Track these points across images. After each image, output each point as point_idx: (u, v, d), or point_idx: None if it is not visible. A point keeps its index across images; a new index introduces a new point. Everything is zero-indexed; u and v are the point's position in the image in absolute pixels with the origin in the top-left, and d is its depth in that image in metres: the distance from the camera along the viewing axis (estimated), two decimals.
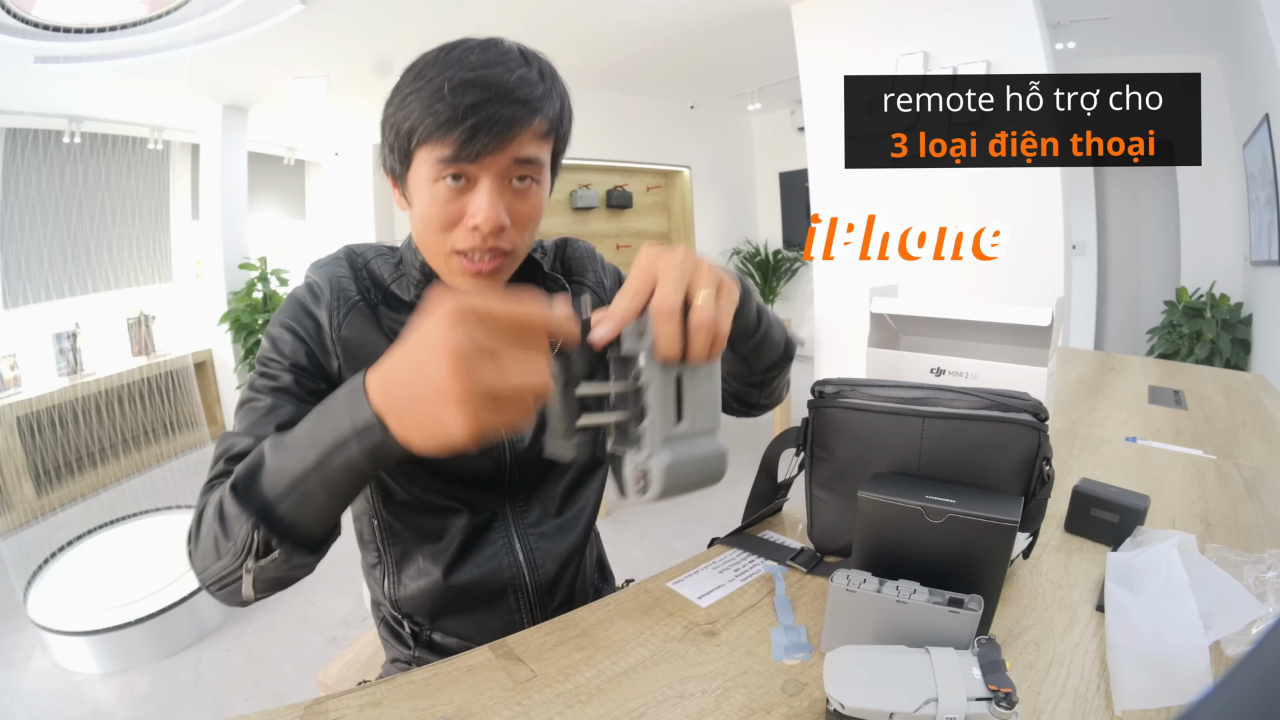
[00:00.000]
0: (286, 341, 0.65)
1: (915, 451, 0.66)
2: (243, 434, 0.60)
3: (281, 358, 0.65)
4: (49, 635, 1.95)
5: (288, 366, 0.64)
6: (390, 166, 0.65)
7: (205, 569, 0.55)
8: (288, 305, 0.67)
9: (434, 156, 0.58)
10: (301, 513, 0.50)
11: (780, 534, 0.82)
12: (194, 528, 0.56)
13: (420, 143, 0.59)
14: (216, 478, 0.59)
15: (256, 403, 0.62)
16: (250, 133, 4.31)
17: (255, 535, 0.49)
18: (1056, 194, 2.82)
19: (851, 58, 3.31)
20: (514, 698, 0.54)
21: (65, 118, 3.41)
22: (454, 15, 3.15)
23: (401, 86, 0.61)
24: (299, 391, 0.64)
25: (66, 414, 2.99)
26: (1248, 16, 2.84)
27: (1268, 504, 0.87)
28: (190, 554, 0.56)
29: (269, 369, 0.65)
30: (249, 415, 0.62)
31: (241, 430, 0.61)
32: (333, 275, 0.68)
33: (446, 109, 0.56)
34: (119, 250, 3.21)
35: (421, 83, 0.58)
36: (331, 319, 0.66)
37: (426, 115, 0.57)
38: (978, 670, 0.46)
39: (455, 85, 0.57)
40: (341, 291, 0.67)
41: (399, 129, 0.60)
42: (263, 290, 4.15)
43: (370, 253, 0.72)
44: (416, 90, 0.58)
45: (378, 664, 0.95)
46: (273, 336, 0.66)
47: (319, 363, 0.66)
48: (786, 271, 6.22)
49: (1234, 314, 3.42)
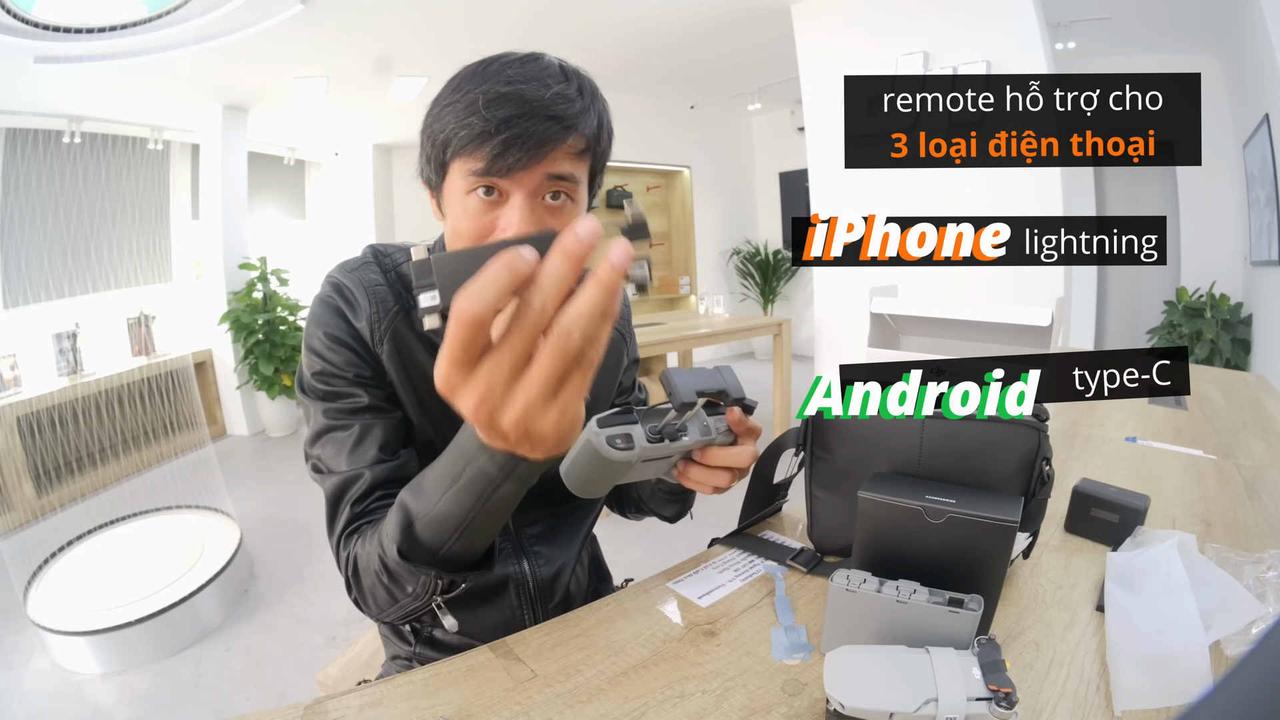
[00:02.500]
0: (339, 356, 0.64)
1: (915, 452, 0.66)
2: (350, 470, 0.62)
3: (343, 374, 0.64)
4: (49, 635, 1.95)
5: (353, 380, 0.64)
6: (426, 176, 0.64)
7: (384, 612, 0.61)
8: (324, 315, 0.65)
9: (467, 169, 0.58)
10: (473, 544, 0.55)
11: (780, 534, 0.82)
12: (350, 579, 0.61)
13: (455, 155, 0.59)
14: (350, 525, 0.62)
15: (341, 431, 0.63)
16: (250, 133, 4.31)
17: (437, 581, 0.56)
18: (1056, 194, 2.82)
19: (851, 58, 3.31)
20: (514, 698, 0.54)
21: (65, 118, 3.41)
22: (454, 15, 3.15)
23: (441, 98, 0.61)
24: (378, 404, 0.64)
25: (66, 414, 2.99)
26: (1248, 16, 2.84)
27: (1268, 504, 0.87)
28: (356, 602, 0.62)
29: (335, 388, 0.64)
30: (342, 446, 0.63)
31: (347, 466, 0.62)
32: (367, 282, 0.66)
33: (480, 122, 0.56)
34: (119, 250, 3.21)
35: (459, 95, 0.58)
36: (374, 332, 0.65)
37: (460, 128, 0.57)
38: (978, 670, 0.46)
39: (490, 99, 0.57)
40: (380, 301, 0.66)
41: (435, 140, 0.60)
42: (263, 290, 4.15)
43: (399, 255, 0.70)
44: (453, 103, 0.58)
45: (378, 664, 0.95)
46: (319, 352, 0.64)
47: (375, 369, 0.65)
48: (786, 271, 6.22)
49: (1234, 314, 3.42)
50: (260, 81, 3.79)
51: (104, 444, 3.01)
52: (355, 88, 4.17)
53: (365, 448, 0.63)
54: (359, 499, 0.62)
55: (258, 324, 4.06)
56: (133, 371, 3.11)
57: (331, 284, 0.67)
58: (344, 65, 3.73)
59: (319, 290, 0.67)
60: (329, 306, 0.65)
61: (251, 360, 4.12)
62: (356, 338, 0.65)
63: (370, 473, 0.62)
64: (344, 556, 0.61)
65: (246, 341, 4.08)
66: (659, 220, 6.17)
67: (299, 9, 2.89)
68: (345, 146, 5.69)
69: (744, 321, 3.82)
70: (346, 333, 0.65)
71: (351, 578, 0.61)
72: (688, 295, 6.04)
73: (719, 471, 0.60)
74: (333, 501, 0.63)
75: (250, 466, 3.84)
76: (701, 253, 6.16)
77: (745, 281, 6.38)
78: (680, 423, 0.54)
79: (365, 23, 3.20)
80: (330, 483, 0.63)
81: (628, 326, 0.85)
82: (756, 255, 6.26)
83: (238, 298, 4.13)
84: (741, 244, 6.42)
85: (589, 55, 4.20)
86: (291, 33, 3.09)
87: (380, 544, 0.56)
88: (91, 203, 3.13)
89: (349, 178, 5.79)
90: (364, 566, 0.59)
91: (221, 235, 4.13)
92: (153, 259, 3.36)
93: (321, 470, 0.65)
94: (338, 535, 0.62)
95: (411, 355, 0.66)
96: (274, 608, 2.26)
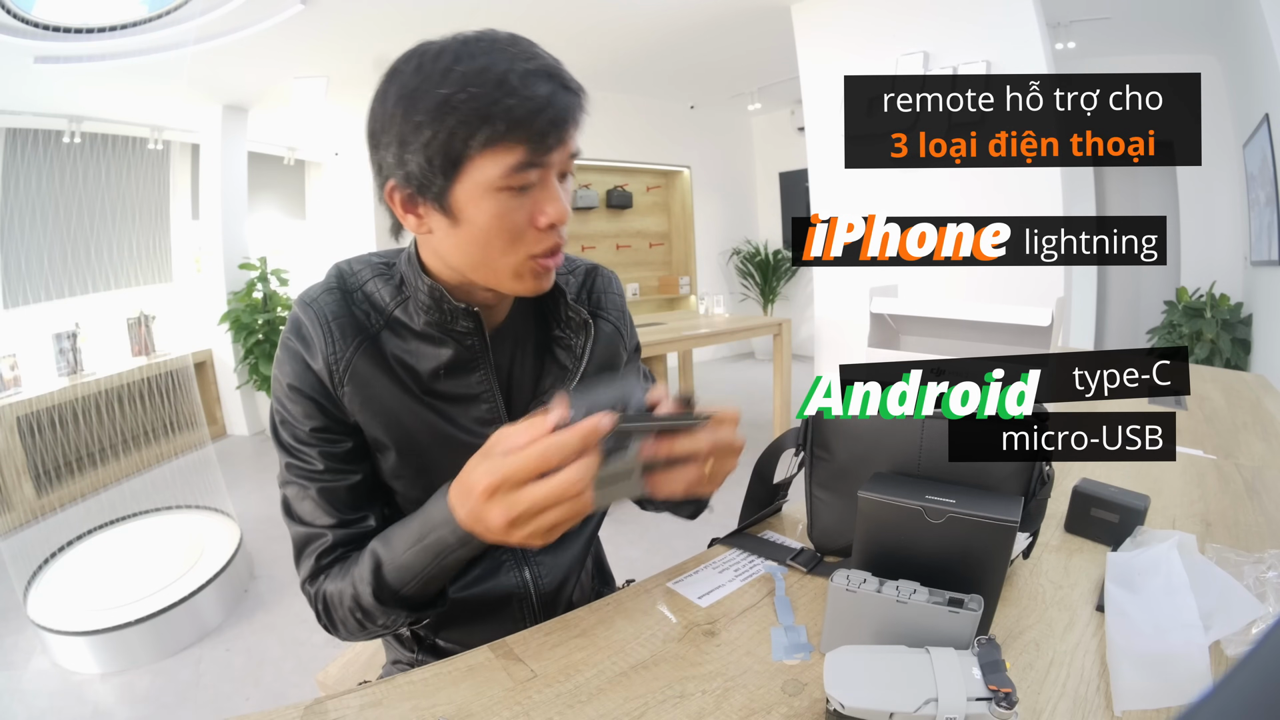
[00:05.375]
0: (299, 409, 0.62)
1: (915, 451, 0.66)
2: (313, 526, 0.64)
3: (300, 427, 0.63)
4: (49, 635, 1.95)
5: (309, 438, 0.63)
6: (415, 188, 0.55)
7: (354, 636, 0.66)
8: (284, 359, 0.63)
9: (503, 162, 0.52)
10: (429, 588, 0.61)
11: (780, 534, 0.82)
12: (321, 612, 0.65)
13: (483, 148, 0.52)
14: (315, 573, 0.64)
15: (303, 490, 0.64)
16: (250, 133, 4.31)
17: (403, 616, 0.62)
18: (1056, 194, 2.83)
19: (851, 58, 3.31)
20: (514, 698, 0.54)
21: (65, 118, 3.41)
22: (454, 16, 3.15)
23: (422, 94, 0.52)
24: (335, 466, 0.64)
25: (66, 414, 2.98)
26: (1248, 16, 2.84)
27: (1268, 504, 0.87)
28: (327, 628, 0.66)
29: (295, 443, 0.64)
30: (306, 503, 0.64)
31: (310, 520, 0.64)
32: (323, 315, 0.62)
33: (521, 103, 0.50)
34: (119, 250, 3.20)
35: (470, 79, 0.51)
36: (332, 372, 0.61)
37: (492, 113, 0.50)
38: (978, 670, 0.46)
39: (523, 76, 0.51)
40: (337, 336, 0.61)
41: (441, 138, 0.52)
42: (263, 290, 4.15)
43: (366, 272, 0.65)
44: (462, 89, 0.51)
45: (378, 664, 0.95)
46: (280, 400, 0.64)
47: (335, 416, 0.63)
48: (786, 272, 6.22)
49: (1234, 314, 3.42)
50: (260, 81, 3.79)
51: (104, 444, 3.01)
52: (355, 88, 4.16)
53: (324, 510, 0.63)
54: (323, 554, 0.64)
55: (258, 324, 4.07)
56: (133, 371, 3.11)
57: (291, 321, 0.64)
58: (344, 65, 3.73)
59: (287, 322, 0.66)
60: (288, 350, 0.63)
61: (251, 360, 4.12)
62: (315, 384, 0.62)
63: (332, 534, 0.64)
64: (313, 593, 0.64)
65: (246, 341, 4.08)
66: (659, 220, 6.17)
67: (299, 9, 2.89)
68: (345, 146, 5.69)
69: (744, 321, 3.82)
70: (304, 381, 0.62)
71: (323, 611, 0.64)
72: (688, 295, 6.04)
73: (685, 468, 0.54)
74: (298, 548, 0.65)
75: (250, 466, 3.84)
76: (701, 253, 6.16)
77: (745, 281, 6.38)
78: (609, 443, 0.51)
79: (365, 23, 3.20)
80: (295, 531, 0.65)
81: (621, 317, 0.77)
82: (756, 255, 6.26)
83: (238, 298, 4.14)
84: (741, 244, 6.42)
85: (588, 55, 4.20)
86: (291, 33, 3.10)
87: (354, 584, 0.61)
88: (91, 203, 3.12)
89: (349, 178, 5.79)
90: (335, 602, 0.62)
91: (221, 235, 4.13)
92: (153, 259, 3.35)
93: (288, 511, 0.65)
94: (304, 578, 0.65)
95: (376, 392, 0.63)
96: (274, 608, 2.26)
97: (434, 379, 0.65)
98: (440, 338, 0.64)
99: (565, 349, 0.71)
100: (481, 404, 0.67)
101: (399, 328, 0.64)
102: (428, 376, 0.64)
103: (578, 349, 0.70)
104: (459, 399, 0.66)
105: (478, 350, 0.65)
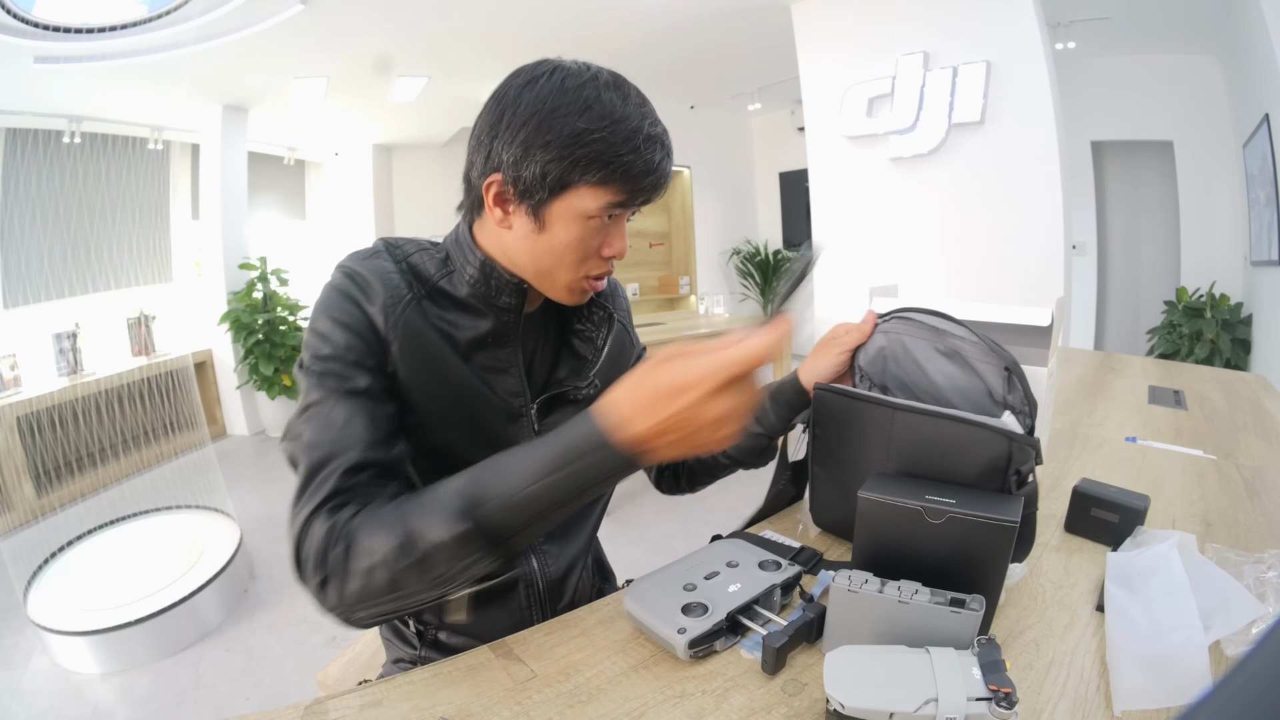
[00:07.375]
0: (343, 339, 0.61)
1: (886, 438, 0.69)
2: (339, 442, 0.57)
3: (344, 356, 0.61)
4: (49, 635, 1.95)
5: (354, 364, 0.61)
6: (518, 190, 0.61)
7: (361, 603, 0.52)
8: (334, 299, 0.63)
9: (603, 199, 0.60)
10: (533, 533, 0.53)
11: (780, 534, 0.82)
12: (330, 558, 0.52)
13: (595, 182, 0.59)
14: (335, 498, 0.54)
15: (327, 406, 0.58)
16: (250, 133, 4.31)
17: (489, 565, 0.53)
18: (1056, 194, 2.82)
19: (851, 57, 3.31)
20: (514, 698, 0.54)
21: (65, 118, 3.41)
22: (454, 16, 3.15)
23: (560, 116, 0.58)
24: (375, 391, 0.61)
25: (66, 414, 2.99)
26: (1248, 16, 2.84)
27: (1268, 504, 0.87)
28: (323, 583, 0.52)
29: (331, 368, 0.60)
30: (331, 422, 0.58)
31: (336, 439, 0.57)
32: (380, 270, 0.64)
33: (640, 162, 0.59)
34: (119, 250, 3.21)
35: (605, 124, 0.58)
36: (387, 317, 0.62)
37: (614, 161, 0.58)
38: (978, 670, 0.46)
39: (647, 139, 0.59)
40: (394, 289, 0.64)
41: (565, 163, 0.58)
42: (263, 290, 4.15)
43: (409, 246, 0.69)
44: (597, 130, 0.57)
45: (378, 664, 0.95)
46: (323, 333, 0.61)
47: (379, 358, 0.62)
48: (787, 272, 6.21)
49: (1234, 314, 3.42)
50: (260, 81, 3.79)
51: (104, 444, 3.01)
52: (355, 88, 4.17)
53: (356, 427, 0.58)
54: (349, 471, 0.55)
55: (258, 324, 4.06)
56: (133, 371, 3.12)
57: (345, 271, 0.64)
58: (344, 65, 3.73)
59: (331, 277, 0.65)
60: (341, 292, 0.63)
61: (251, 360, 4.12)
62: (368, 324, 0.62)
63: (362, 450, 0.57)
64: (326, 528, 0.53)
65: (246, 341, 4.08)
66: (659, 220, 6.17)
67: (299, 9, 2.89)
68: (345, 146, 5.70)
69: (744, 321, 3.82)
70: (357, 319, 0.62)
71: (341, 555, 0.52)
72: (688, 295, 6.04)
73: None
74: (312, 470, 0.56)
75: (250, 466, 3.84)
76: (701, 253, 6.16)
77: (745, 281, 6.38)
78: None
79: (365, 23, 3.20)
80: (313, 454, 0.56)
81: (628, 319, 0.86)
82: (756, 255, 6.26)
83: (238, 298, 4.13)
84: (741, 244, 6.42)
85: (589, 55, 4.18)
86: (291, 33, 3.09)
87: (413, 520, 0.51)
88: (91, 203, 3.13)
89: (349, 178, 5.80)
90: (365, 546, 0.51)
91: (221, 235, 4.13)
92: (153, 259, 3.36)
93: (300, 440, 0.58)
94: (315, 505, 0.54)
95: (425, 350, 0.64)
96: (274, 608, 2.26)
97: (471, 348, 0.67)
98: (482, 309, 0.67)
99: (585, 340, 0.77)
100: (509, 377, 0.70)
101: (440, 297, 0.67)
102: (465, 345, 0.67)
103: (599, 340, 0.77)
104: (491, 369, 0.69)
105: (511, 326, 0.69)
